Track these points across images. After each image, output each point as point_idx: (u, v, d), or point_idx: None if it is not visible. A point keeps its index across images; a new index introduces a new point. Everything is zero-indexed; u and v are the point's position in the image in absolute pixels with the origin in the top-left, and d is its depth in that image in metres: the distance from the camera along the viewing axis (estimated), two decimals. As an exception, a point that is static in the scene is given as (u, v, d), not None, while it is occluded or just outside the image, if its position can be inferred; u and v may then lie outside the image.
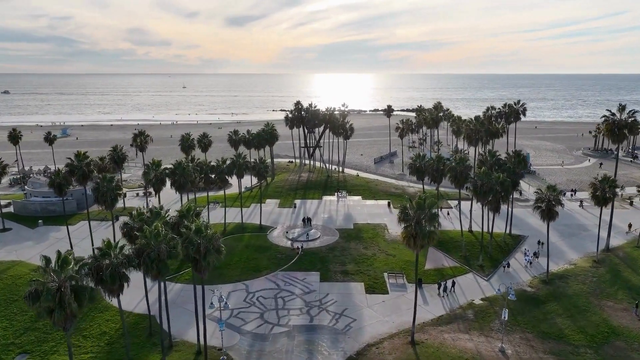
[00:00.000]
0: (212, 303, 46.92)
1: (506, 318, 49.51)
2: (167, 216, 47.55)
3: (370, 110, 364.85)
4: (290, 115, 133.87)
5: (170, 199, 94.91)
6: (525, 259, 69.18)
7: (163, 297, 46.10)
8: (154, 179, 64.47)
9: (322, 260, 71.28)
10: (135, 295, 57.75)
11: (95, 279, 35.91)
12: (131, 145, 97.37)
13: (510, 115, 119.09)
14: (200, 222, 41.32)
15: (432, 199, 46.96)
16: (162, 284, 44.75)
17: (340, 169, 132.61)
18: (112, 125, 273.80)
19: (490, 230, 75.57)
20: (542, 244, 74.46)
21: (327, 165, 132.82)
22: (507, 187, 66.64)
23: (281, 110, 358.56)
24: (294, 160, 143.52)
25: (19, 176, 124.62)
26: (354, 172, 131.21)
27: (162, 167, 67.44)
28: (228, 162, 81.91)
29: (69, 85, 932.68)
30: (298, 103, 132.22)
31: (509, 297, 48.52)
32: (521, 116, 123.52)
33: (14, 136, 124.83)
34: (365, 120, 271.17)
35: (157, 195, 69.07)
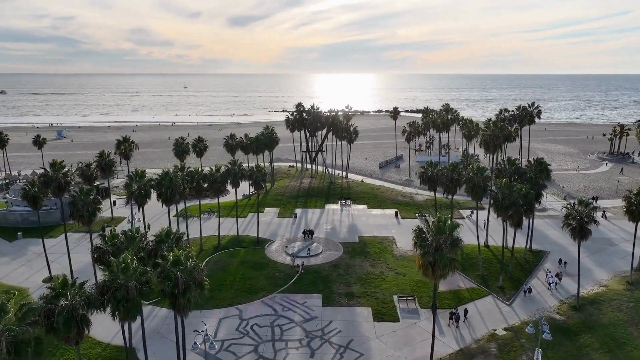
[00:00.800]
0: (195, 343, 40.16)
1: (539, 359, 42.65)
2: (144, 240, 40.74)
3: (373, 111, 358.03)
4: (291, 118, 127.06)
5: (159, 210, 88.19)
6: (551, 280, 62.10)
7: (140, 334, 39.26)
8: (137, 191, 57.68)
9: (324, 280, 64.49)
10: (114, 322, 50.98)
11: (46, 326, 29.18)
12: (115, 152, 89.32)
13: (525, 118, 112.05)
14: (180, 252, 34.47)
15: (453, 222, 40.04)
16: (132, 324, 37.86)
17: (344, 174, 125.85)
18: (109, 126, 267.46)
19: (506, 244, 68.80)
20: (565, 263, 67.60)
21: (330, 170, 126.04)
22: (530, 200, 59.82)
23: (283, 111, 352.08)
24: (295, 164, 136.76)
25: (4, 182, 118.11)
26: (358, 178, 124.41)
27: (147, 177, 60.48)
28: (222, 170, 75.13)
29: (69, 85, 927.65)
30: (299, 105, 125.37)
31: (543, 337, 41.54)
32: (535, 119, 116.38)
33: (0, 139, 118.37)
34: (369, 122, 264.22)
35: (140, 210, 62.21)
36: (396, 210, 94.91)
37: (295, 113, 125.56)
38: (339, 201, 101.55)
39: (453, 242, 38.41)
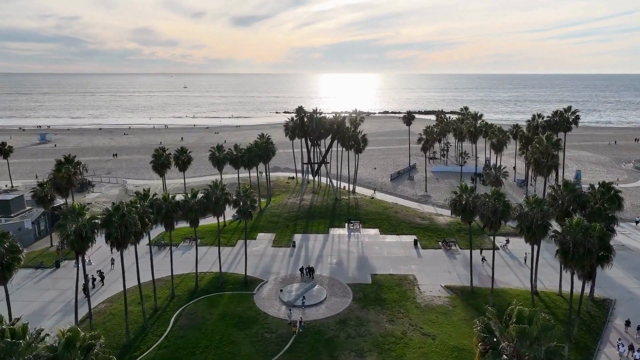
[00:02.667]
0: None
1: None
2: (41, 340, 25.15)
3: (379, 112, 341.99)
4: (290, 124, 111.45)
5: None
6: (638, 356, 45.97)
7: None
8: (72, 235, 42.11)
9: (329, 345, 48.88)
10: None
11: None
12: (52, 179, 69.20)
13: (562, 124, 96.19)
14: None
15: (545, 320, 24.26)
16: None
17: (351, 187, 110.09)
18: (100, 129, 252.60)
19: (561, 291, 52.93)
20: (638, 328, 51.37)
21: (335, 182, 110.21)
22: (607, 245, 44.11)
23: (285, 112, 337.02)
24: (295, 176, 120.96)
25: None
26: (367, 192, 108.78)
27: (88, 216, 44.47)
28: (200, 195, 59.57)
29: (69, 85, 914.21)
30: (300, 109, 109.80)
31: None
32: (572, 126, 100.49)
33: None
34: (375, 125, 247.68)
35: (79, 259, 46.48)
36: (415, 238, 79.20)
37: (295, 118, 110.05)
38: (346, 224, 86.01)
39: (549, 356, 22.65)
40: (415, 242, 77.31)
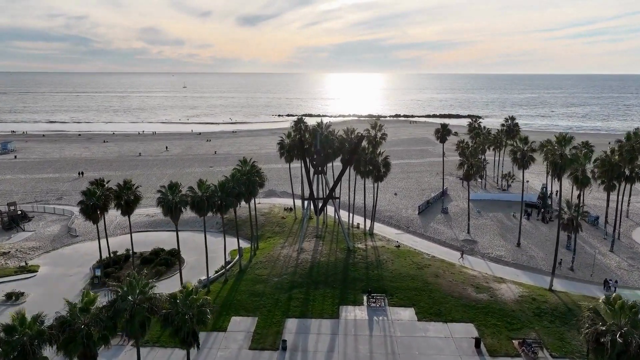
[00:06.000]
0: None
1: None
2: None
3: (390, 116, 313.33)
4: (287, 141, 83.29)
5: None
6: None
7: None
8: None
9: None
10: None
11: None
12: None
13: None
14: None
15: None
16: None
17: (367, 226, 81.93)
18: (80, 134, 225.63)
19: None
20: None
21: (347, 217, 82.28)
22: None
23: (287, 115, 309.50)
24: (293, 207, 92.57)
25: None
26: (389, 233, 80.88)
27: None
28: (104, 303, 31.51)
29: (69, 84, 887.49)
30: (299, 122, 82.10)
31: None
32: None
33: None
34: (388, 131, 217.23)
35: None
36: (474, 329, 50.97)
37: (293, 134, 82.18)
38: (365, 298, 57.83)
39: None
40: (478, 341, 48.83)
